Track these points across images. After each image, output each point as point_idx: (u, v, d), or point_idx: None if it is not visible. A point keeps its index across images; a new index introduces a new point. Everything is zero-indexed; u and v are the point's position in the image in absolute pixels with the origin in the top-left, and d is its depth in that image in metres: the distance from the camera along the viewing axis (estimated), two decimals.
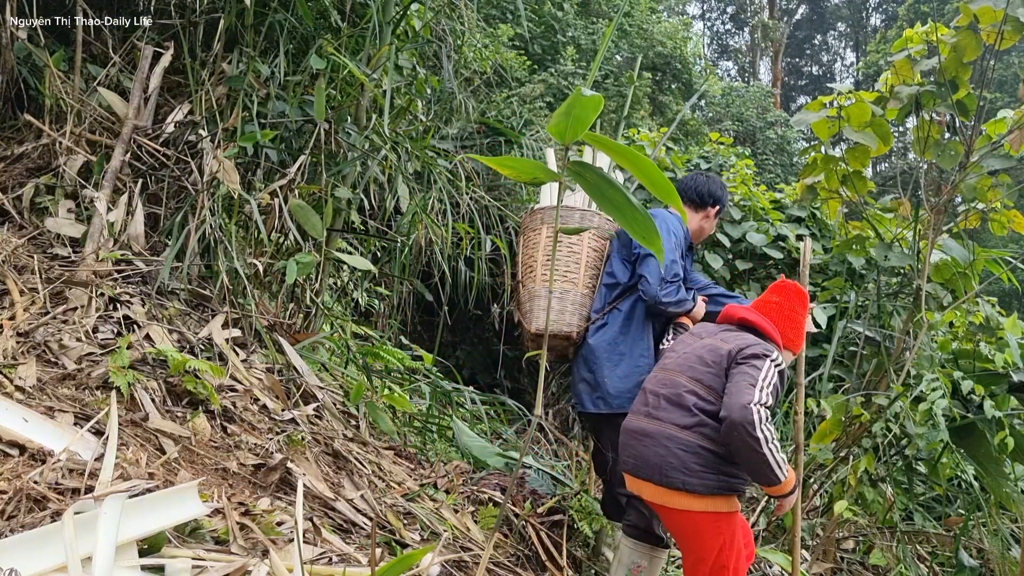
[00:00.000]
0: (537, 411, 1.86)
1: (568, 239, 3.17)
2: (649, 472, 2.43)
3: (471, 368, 7.75)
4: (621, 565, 2.95)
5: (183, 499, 2.02)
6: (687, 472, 2.37)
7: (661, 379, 2.60)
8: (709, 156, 9.28)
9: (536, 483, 3.39)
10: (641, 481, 2.49)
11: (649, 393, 2.59)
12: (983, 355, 4.61)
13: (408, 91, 4.58)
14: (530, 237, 3.24)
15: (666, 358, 2.71)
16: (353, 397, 3.44)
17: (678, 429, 2.43)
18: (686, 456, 2.39)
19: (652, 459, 2.43)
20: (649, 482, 2.45)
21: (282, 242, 3.99)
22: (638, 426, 2.54)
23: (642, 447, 2.48)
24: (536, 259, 3.17)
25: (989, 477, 4.22)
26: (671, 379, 2.55)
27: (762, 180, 12.43)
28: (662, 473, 2.40)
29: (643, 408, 2.57)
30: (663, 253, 1.75)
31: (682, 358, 2.60)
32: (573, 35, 11.42)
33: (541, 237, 3.20)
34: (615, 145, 1.59)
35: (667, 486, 2.39)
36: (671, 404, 2.49)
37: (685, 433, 2.42)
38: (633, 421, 2.58)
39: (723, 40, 36.92)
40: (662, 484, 2.41)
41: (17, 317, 2.66)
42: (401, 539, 2.58)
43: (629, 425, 2.60)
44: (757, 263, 7.09)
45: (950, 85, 4.20)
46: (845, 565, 4.28)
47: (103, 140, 3.50)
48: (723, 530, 2.44)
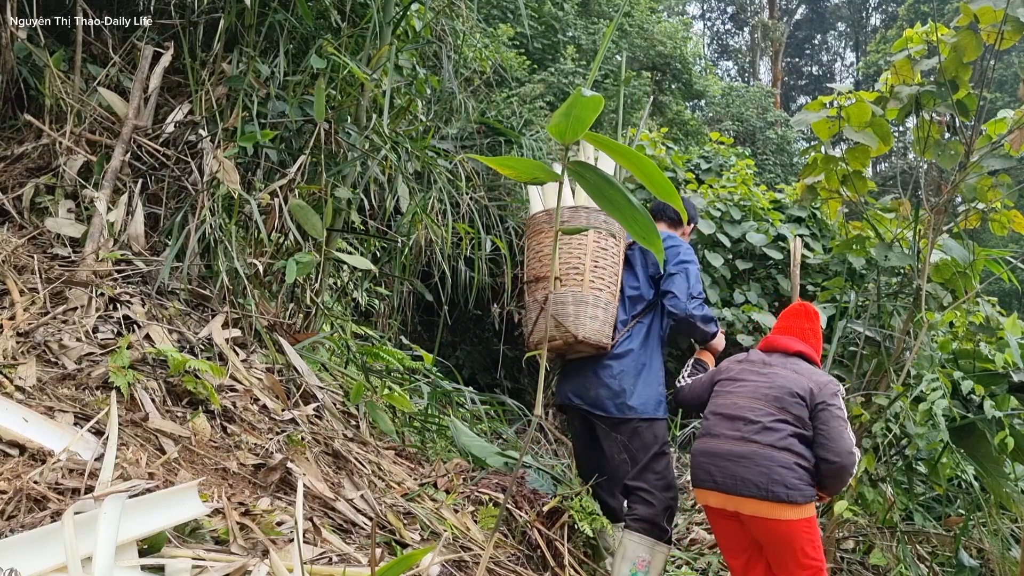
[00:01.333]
0: (537, 411, 1.86)
1: (609, 250, 3.16)
2: (752, 490, 2.72)
3: (471, 368, 7.75)
4: (625, 560, 3.01)
5: (183, 499, 2.02)
6: (787, 486, 2.70)
7: (747, 406, 2.88)
8: (709, 156, 9.28)
9: (536, 483, 3.39)
10: (741, 498, 2.76)
11: (738, 419, 2.86)
12: (983, 355, 4.61)
13: (408, 91, 4.58)
14: (573, 237, 3.13)
15: (739, 385, 2.96)
16: (353, 397, 3.44)
17: (776, 450, 2.75)
18: (786, 472, 2.72)
19: (755, 477, 2.72)
20: (752, 498, 2.73)
21: (282, 242, 3.99)
22: (731, 449, 2.81)
23: (741, 468, 2.76)
24: (584, 263, 3.10)
25: (989, 477, 4.22)
26: (758, 407, 2.85)
27: (762, 180, 12.43)
28: (767, 490, 2.70)
29: (734, 432, 2.84)
30: (663, 253, 1.77)
31: (762, 388, 2.90)
32: (573, 35, 11.42)
33: (588, 241, 3.12)
34: (615, 145, 1.59)
35: (772, 500, 2.70)
36: (767, 429, 2.79)
37: (783, 453, 2.75)
38: (723, 444, 2.84)
39: (723, 40, 36.92)
40: (767, 499, 2.70)
41: (17, 317, 2.66)
42: (401, 539, 2.58)
43: (718, 448, 2.84)
44: (757, 263, 7.09)
45: (950, 85, 4.20)
46: (845, 565, 4.28)
47: (103, 140, 3.50)
48: (815, 532, 2.79)
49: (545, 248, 3.16)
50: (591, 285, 3.09)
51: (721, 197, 7.41)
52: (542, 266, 3.15)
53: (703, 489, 2.88)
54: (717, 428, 2.90)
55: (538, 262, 3.18)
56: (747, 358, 3.08)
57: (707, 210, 7.17)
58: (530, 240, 3.27)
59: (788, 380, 2.88)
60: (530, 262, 3.24)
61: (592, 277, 3.10)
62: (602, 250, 3.15)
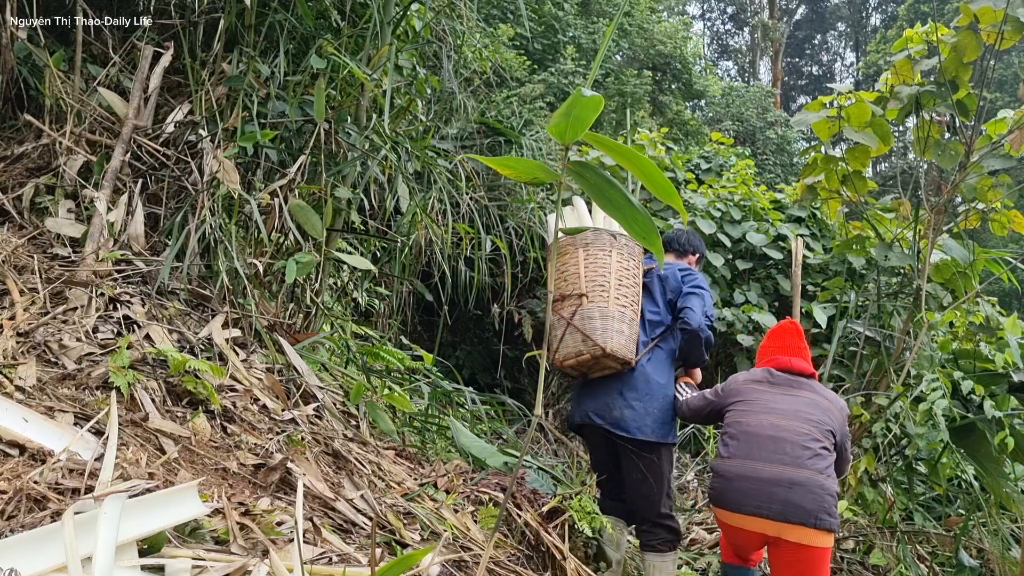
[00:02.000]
0: (537, 411, 1.86)
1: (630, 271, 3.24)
2: (803, 516, 2.67)
3: (471, 368, 7.75)
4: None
5: (183, 499, 2.02)
6: (831, 515, 2.71)
7: (791, 428, 2.84)
8: (709, 156, 9.28)
9: (536, 483, 3.39)
10: (790, 525, 2.70)
11: (784, 442, 2.80)
12: (983, 355, 4.61)
13: (408, 91, 4.58)
14: (597, 256, 3.18)
15: (776, 403, 2.93)
16: (353, 397, 3.44)
17: (825, 477, 2.75)
18: (831, 500, 2.72)
19: (808, 505, 2.69)
20: (802, 526, 2.68)
21: (282, 242, 3.99)
22: (780, 474, 2.74)
23: (794, 495, 2.70)
24: (609, 281, 3.16)
25: (989, 477, 4.23)
26: (804, 430, 2.83)
27: (762, 180, 12.43)
28: (817, 517, 2.67)
29: (781, 456, 2.77)
30: (663, 255, 1.77)
31: (803, 412, 2.89)
32: (573, 35, 11.42)
33: (612, 259, 3.19)
34: (615, 145, 1.59)
35: (818, 528, 2.68)
36: (817, 456, 2.78)
37: (830, 480, 2.75)
38: (769, 468, 2.77)
39: (723, 40, 36.92)
40: (816, 527, 2.68)
41: (17, 317, 2.66)
42: (401, 539, 2.58)
43: (763, 472, 2.77)
44: (757, 263, 7.09)
45: (950, 85, 4.20)
46: (845, 565, 4.28)
47: (103, 140, 3.49)
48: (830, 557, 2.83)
49: (570, 267, 3.20)
50: (616, 301, 3.15)
51: (721, 197, 7.41)
52: (568, 284, 3.19)
53: (742, 514, 2.78)
54: (757, 451, 2.82)
55: (563, 281, 3.22)
56: (768, 379, 3.06)
57: (708, 210, 7.17)
58: (554, 264, 3.30)
59: (822, 406, 2.91)
60: (556, 283, 3.26)
61: (616, 294, 3.16)
62: (625, 270, 3.24)
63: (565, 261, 3.22)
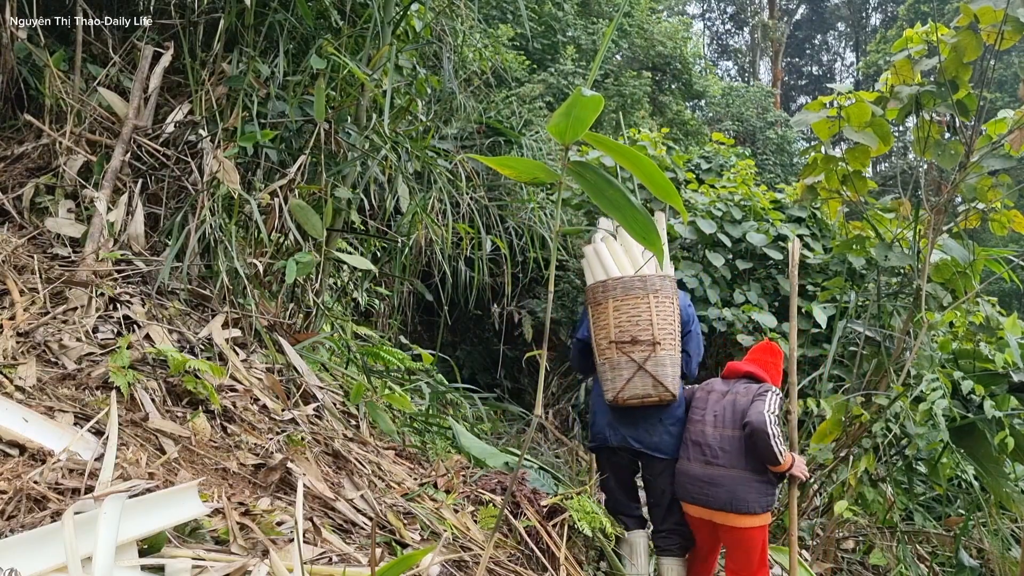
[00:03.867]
0: (537, 411, 1.86)
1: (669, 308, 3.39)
2: (723, 504, 3.23)
3: (471, 368, 7.75)
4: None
5: (183, 499, 2.02)
6: (748, 500, 3.20)
7: (713, 433, 3.34)
8: (709, 156, 9.29)
9: (536, 483, 3.40)
10: (714, 511, 3.27)
11: (705, 446, 3.32)
12: (983, 355, 4.61)
13: (408, 91, 4.58)
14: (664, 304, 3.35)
15: (707, 412, 3.40)
16: (353, 397, 3.44)
17: (738, 471, 3.24)
18: (747, 488, 3.21)
19: (723, 496, 3.22)
20: (722, 511, 3.24)
21: (282, 242, 3.99)
22: (705, 472, 3.30)
23: (712, 487, 3.26)
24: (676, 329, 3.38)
25: (989, 477, 4.23)
26: (723, 433, 3.31)
27: (762, 180, 12.43)
28: (732, 504, 3.20)
29: (702, 457, 3.33)
30: (663, 254, 1.77)
31: (722, 414, 3.35)
32: (573, 35, 11.42)
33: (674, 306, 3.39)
34: (615, 145, 1.59)
35: (739, 512, 3.20)
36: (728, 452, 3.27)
37: (745, 472, 3.23)
38: (698, 467, 3.33)
39: (723, 40, 36.92)
40: (736, 511, 3.20)
41: (17, 317, 2.66)
42: (401, 539, 2.58)
43: (694, 471, 3.33)
44: (757, 263, 7.09)
45: (950, 85, 4.20)
46: (845, 565, 4.28)
47: (103, 140, 3.49)
48: (766, 537, 3.31)
49: (643, 313, 3.32)
50: (677, 347, 3.40)
51: (722, 197, 7.42)
52: (640, 330, 3.30)
53: (687, 503, 3.41)
54: (691, 452, 3.37)
55: (635, 326, 3.32)
56: (708, 388, 3.51)
57: (708, 210, 7.18)
58: (615, 303, 3.37)
59: (739, 404, 3.31)
60: (620, 324, 3.35)
61: (676, 340, 3.40)
62: (677, 314, 3.44)
63: (636, 305, 3.34)
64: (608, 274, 3.38)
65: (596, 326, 3.37)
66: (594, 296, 3.37)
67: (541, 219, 6.22)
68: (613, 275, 3.36)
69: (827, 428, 4.21)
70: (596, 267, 3.43)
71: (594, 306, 3.38)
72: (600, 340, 3.35)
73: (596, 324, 3.37)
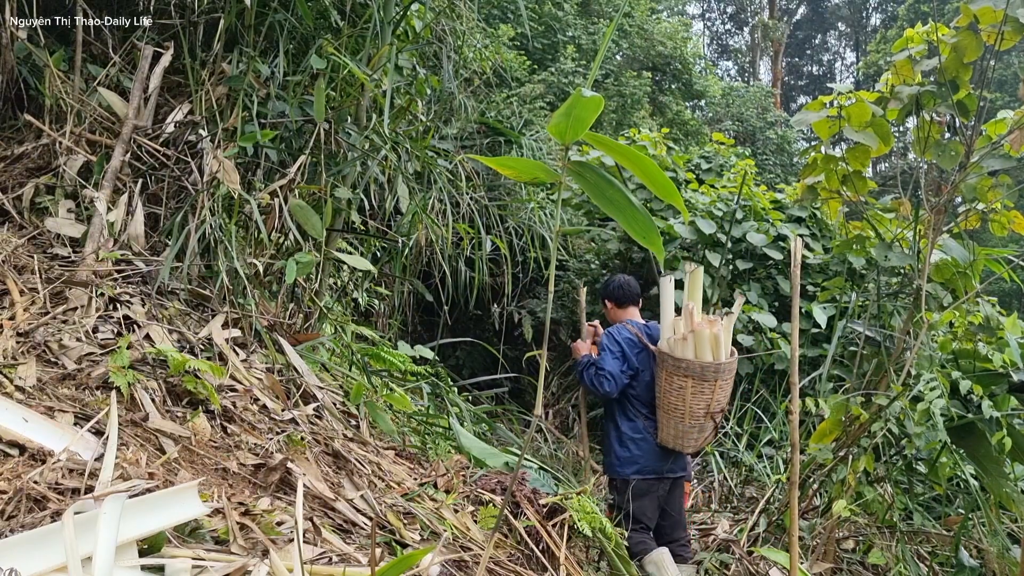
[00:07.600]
0: (537, 411, 1.86)
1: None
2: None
3: (471, 368, 7.75)
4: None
5: (183, 499, 2.02)
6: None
7: None
8: (710, 156, 9.29)
9: (536, 482, 3.39)
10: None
11: None
12: (983, 355, 4.61)
13: (408, 91, 4.58)
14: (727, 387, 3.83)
15: None
16: (353, 397, 3.44)
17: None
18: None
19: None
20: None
21: (282, 242, 3.99)
22: None
23: None
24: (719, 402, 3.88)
25: (989, 477, 4.22)
26: None
27: (762, 180, 12.43)
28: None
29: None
30: (663, 253, 1.77)
31: None
32: (573, 35, 11.42)
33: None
34: (615, 144, 1.59)
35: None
36: None
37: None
38: None
39: (723, 40, 36.92)
40: None
41: (17, 317, 2.66)
42: (401, 539, 2.58)
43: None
44: (757, 263, 7.09)
45: (950, 85, 4.20)
46: (845, 565, 4.28)
47: (103, 140, 3.49)
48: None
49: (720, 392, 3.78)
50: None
51: (722, 197, 7.42)
52: (717, 404, 3.82)
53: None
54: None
55: (724, 398, 3.86)
56: None
57: (709, 210, 7.18)
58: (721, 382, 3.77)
59: None
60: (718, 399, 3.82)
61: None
62: None
63: (728, 383, 3.83)
64: (722, 358, 3.74)
65: (694, 397, 3.76)
66: (703, 373, 3.72)
67: (541, 219, 6.22)
68: (725, 360, 3.75)
69: (827, 428, 4.21)
70: (710, 348, 3.74)
71: (698, 381, 3.73)
72: (696, 409, 3.77)
73: (695, 395, 3.76)
